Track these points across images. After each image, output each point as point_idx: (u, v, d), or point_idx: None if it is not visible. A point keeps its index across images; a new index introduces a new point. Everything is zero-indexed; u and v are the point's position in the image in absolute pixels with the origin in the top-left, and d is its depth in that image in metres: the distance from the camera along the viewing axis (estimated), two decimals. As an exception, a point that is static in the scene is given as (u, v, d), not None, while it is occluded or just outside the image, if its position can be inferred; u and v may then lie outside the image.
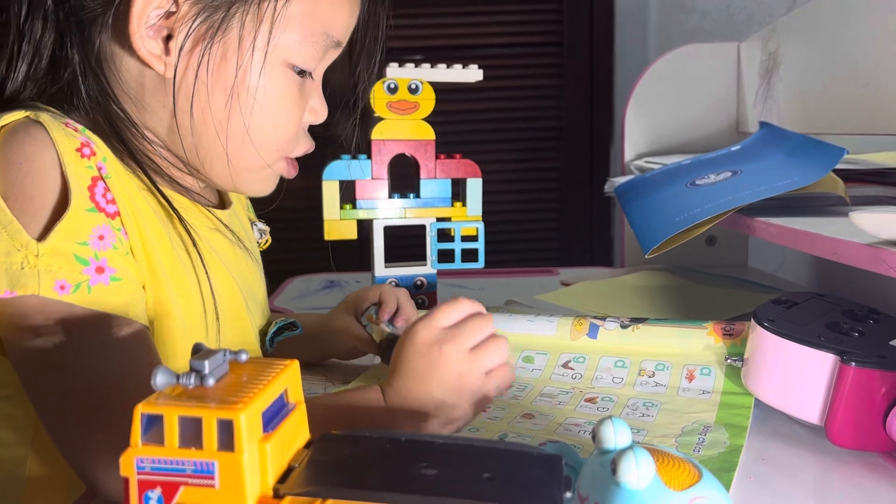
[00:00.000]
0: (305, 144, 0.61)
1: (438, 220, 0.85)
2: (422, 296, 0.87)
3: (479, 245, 0.85)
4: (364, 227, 0.85)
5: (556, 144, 2.14)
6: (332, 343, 0.71)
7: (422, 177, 0.84)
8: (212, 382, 0.30)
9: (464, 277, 1.11)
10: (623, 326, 0.67)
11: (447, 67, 0.82)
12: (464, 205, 0.86)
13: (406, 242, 0.90)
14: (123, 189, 0.50)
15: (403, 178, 0.86)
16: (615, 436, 0.35)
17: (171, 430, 0.29)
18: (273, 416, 0.31)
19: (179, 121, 0.53)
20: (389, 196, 0.84)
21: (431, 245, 0.85)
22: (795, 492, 0.47)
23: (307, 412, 0.33)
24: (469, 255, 0.85)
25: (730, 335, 0.64)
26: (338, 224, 0.83)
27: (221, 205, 0.64)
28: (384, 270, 0.85)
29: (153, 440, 0.29)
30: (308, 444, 0.33)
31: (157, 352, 0.50)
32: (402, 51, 2.03)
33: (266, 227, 0.71)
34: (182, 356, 0.53)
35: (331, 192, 0.82)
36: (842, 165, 0.66)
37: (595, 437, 0.36)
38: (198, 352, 0.31)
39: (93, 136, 0.49)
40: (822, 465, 0.51)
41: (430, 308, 0.86)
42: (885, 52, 0.76)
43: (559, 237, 2.18)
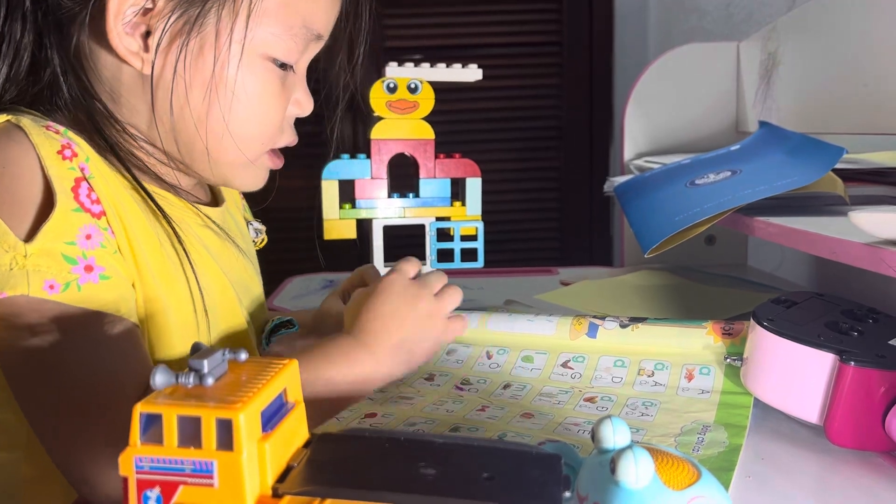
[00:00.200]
0: (289, 137, 0.60)
1: (438, 220, 0.85)
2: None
3: (479, 245, 0.85)
4: (363, 227, 0.85)
5: (556, 144, 2.14)
6: (326, 332, 0.71)
7: (421, 176, 0.84)
8: (211, 382, 0.30)
9: (463, 277, 1.11)
10: (622, 326, 0.67)
11: (447, 67, 0.82)
12: (463, 204, 0.86)
13: (405, 242, 0.90)
14: (108, 188, 0.50)
15: (403, 178, 0.86)
16: (614, 435, 0.35)
17: (170, 430, 0.29)
18: (272, 416, 0.31)
19: (159, 117, 0.53)
20: (389, 195, 0.84)
21: (431, 244, 0.85)
22: (794, 491, 0.47)
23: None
24: (468, 255, 0.85)
25: (729, 335, 0.64)
26: (337, 223, 0.83)
27: (214, 203, 0.63)
28: (384, 270, 0.85)
29: (152, 439, 0.29)
30: (307, 444, 0.33)
31: (147, 350, 0.50)
32: (402, 50, 2.04)
33: (262, 227, 0.71)
34: (175, 353, 0.53)
35: (330, 192, 0.82)
36: (841, 165, 0.66)
37: (594, 437, 0.36)
38: (197, 351, 0.31)
39: (75, 138, 0.49)
40: (822, 465, 0.51)
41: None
42: (885, 52, 0.76)
43: (559, 237, 2.18)
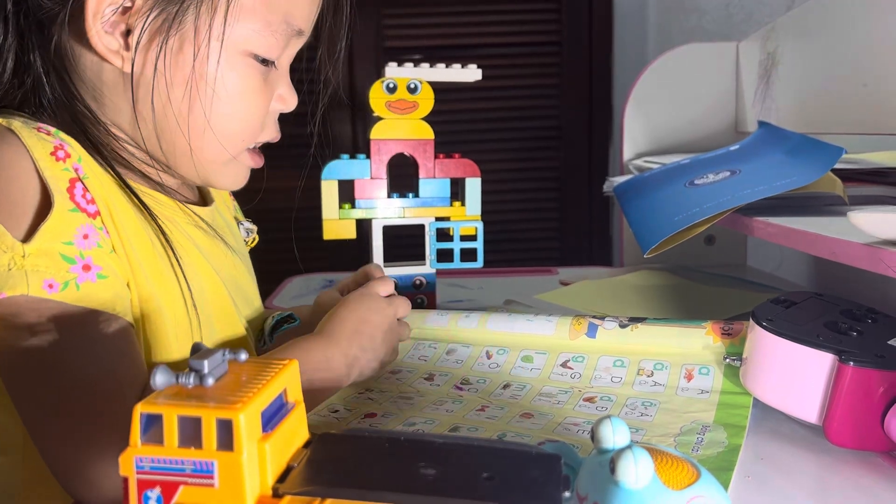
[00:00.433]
0: (271, 133, 0.60)
1: (437, 220, 0.85)
2: (421, 295, 0.87)
3: (478, 244, 0.85)
4: (363, 227, 0.85)
5: (555, 144, 2.14)
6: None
7: (421, 176, 0.84)
8: (211, 382, 0.30)
9: (463, 277, 1.11)
10: (622, 326, 0.68)
11: (446, 67, 0.82)
12: (463, 204, 0.86)
13: (405, 242, 0.90)
14: (101, 188, 0.50)
15: (402, 178, 0.86)
16: (614, 435, 0.35)
17: (171, 430, 0.29)
18: (272, 416, 0.31)
19: (141, 115, 0.53)
20: (388, 196, 0.84)
21: (430, 244, 0.85)
22: (794, 491, 0.47)
23: None
24: (468, 255, 0.85)
25: (728, 335, 0.64)
26: (336, 224, 0.83)
27: (202, 203, 0.63)
28: (385, 270, 0.85)
29: (152, 440, 0.29)
30: (307, 444, 0.33)
31: (142, 350, 0.51)
32: (401, 50, 2.04)
33: (253, 227, 0.71)
34: (172, 353, 0.53)
35: (329, 192, 0.82)
36: (840, 165, 0.66)
37: (594, 437, 0.36)
38: (197, 351, 0.32)
39: (66, 138, 0.49)
40: (821, 465, 0.51)
41: (429, 307, 0.86)
42: (884, 52, 0.76)
43: (558, 237, 2.18)
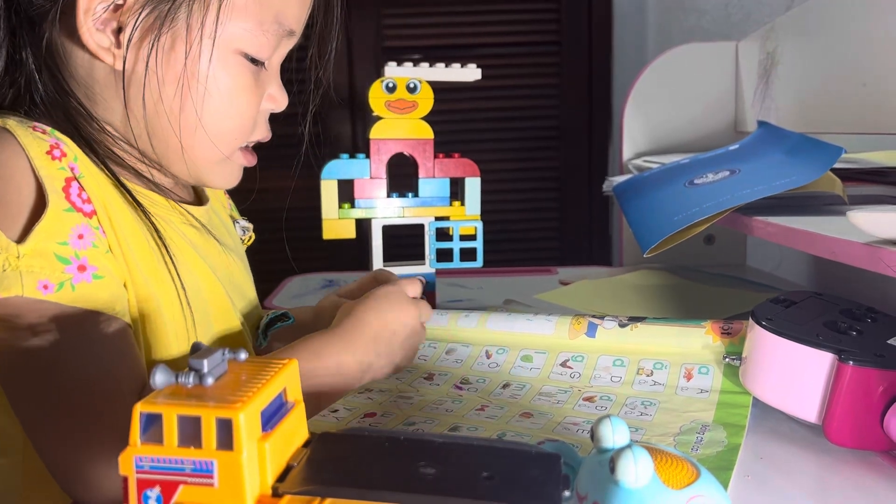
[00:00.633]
0: (262, 132, 0.60)
1: (437, 220, 0.85)
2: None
3: (478, 244, 0.85)
4: (362, 227, 0.85)
5: (555, 144, 2.14)
6: (322, 328, 0.72)
7: (420, 176, 0.84)
8: (210, 381, 0.30)
9: (462, 277, 1.11)
10: (621, 325, 0.68)
11: (446, 66, 0.82)
12: (462, 204, 0.86)
13: (404, 242, 0.90)
14: (97, 187, 0.50)
15: (402, 178, 0.86)
16: (613, 434, 0.35)
17: (170, 429, 0.29)
18: (272, 415, 0.31)
19: (133, 113, 0.53)
20: (388, 195, 0.84)
21: (430, 244, 0.85)
22: (793, 490, 0.47)
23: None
24: (468, 255, 0.85)
25: (728, 334, 0.64)
26: (336, 223, 0.83)
27: (198, 202, 0.63)
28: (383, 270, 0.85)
29: (152, 439, 0.29)
30: (307, 443, 0.33)
31: (140, 350, 0.50)
32: (401, 50, 2.04)
33: (249, 225, 0.71)
34: (171, 353, 0.53)
35: (329, 192, 0.82)
36: (840, 164, 0.66)
37: (593, 436, 0.36)
38: (196, 351, 0.31)
39: (62, 137, 0.49)
40: (820, 464, 0.51)
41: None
42: (884, 51, 0.76)
43: (558, 236, 2.18)
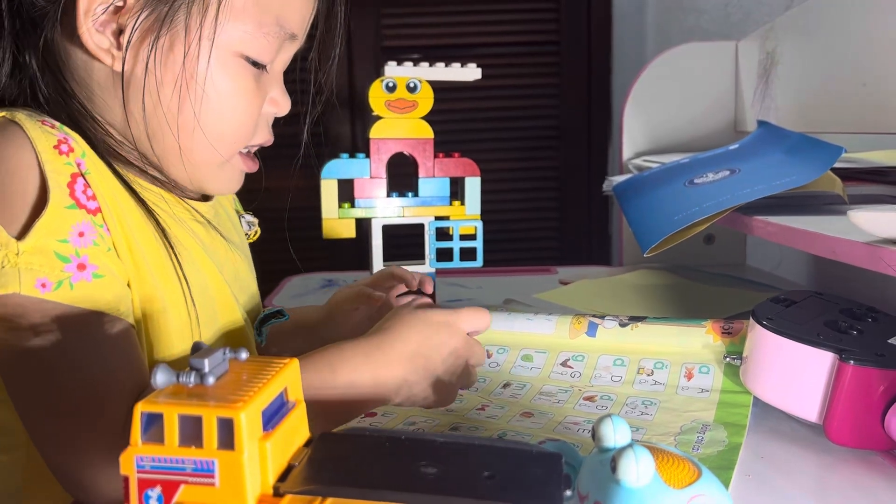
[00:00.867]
0: (263, 136, 0.60)
1: (437, 219, 0.85)
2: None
3: (478, 244, 0.85)
4: (362, 226, 0.85)
5: (555, 143, 2.14)
6: (335, 324, 0.72)
7: (420, 175, 0.84)
8: (212, 381, 0.30)
9: (462, 276, 1.11)
10: (622, 325, 0.68)
11: (445, 66, 0.82)
12: (462, 203, 0.86)
13: (404, 241, 0.90)
14: (105, 184, 0.49)
15: (402, 177, 0.86)
16: (615, 434, 0.35)
17: (172, 429, 0.29)
18: (273, 415, 0.31)
19: (132, 115, 0.53)
20: (388, 195, 0.84)
21: (430, 244, 0.85)
22: (794, 490, 0.47)
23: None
24: (467, 254, 0.85)
25: (728, 334, 0.64)
26: (336, 223, 0.83)
27: (204, 197, 0.63)
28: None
29: (153, 439, 0.29)
30: (308, 443, 0.33)
31: (143, 350, 0.50)
32: (400, 50, 2.03)
33: (254, 220, 0.71)
34: (175, 353, 0.52)
35: (329, 191, 0.82)
36: (840, 164, 0.66)
37: (595, 436, 0.36)
38: (198, 350, 0.31)
39: (71, 133, 0.49)
40: (821, 464, 0.51)
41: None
42: (883, 51, 0.76)
43: (558, 236, 2.18)
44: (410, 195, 0.85)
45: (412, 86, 0.82)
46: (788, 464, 0.51)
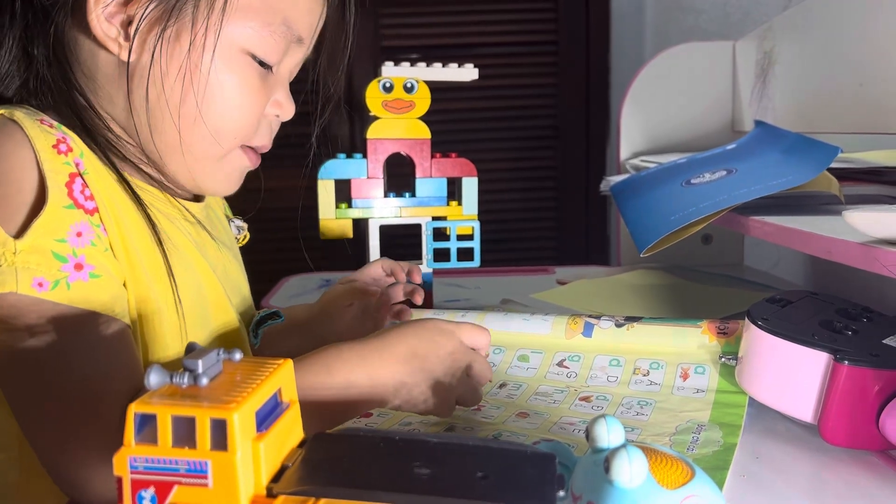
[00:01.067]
0: (263, 138, 0.59)
1: (434, 219, 0.85)
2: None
3: (475, 244, 0.85)
4: (360, 227, 0.85)
5: (553, 143, 2.14)
6: (330, 321, 0.72)
7: (417, 176, 0.84)
8: (205, 382, 0.30)
9: (460, 276, 1.11)
10: (618, 325, 0.68)
11: (443, 66, 0.83)
12: (459, 204, 0.86)
13: (402, 241, 0.90)
14: (102, 184, 0.50)
15: (399, 177, 0.86)
16: (608, 434, 0.35)
17: (165, 430, 0.29)
18: (267, 416, 0.31)
19: (134, 106, 0.53)
20: (385, 195, 0.84)
21: (427, 244, 0.85)
22: (789, 490, 0.47)
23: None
24: (465, 254, 0.85)
25: (724, 334, 0.64)
26: (333, 223, 0.83)
27: (196, 199, 0.63)
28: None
29: (146, 439, 0.29)
30: (302, 444, 0.33)
31: (138, 351, 0.50)
32: (398, 50, 2.03)
33: (244, 224, 0.71)
34: (170, 354, 0.52)
35: (326, 192, 0.82)
36: (836, 164, 0.66)
37: (588, 436, 0.36)
38: (191, 351, 0.31)
39: (69, 132, 0.49)
40: (816, 464, 0.51)
41: (426, 307, 0.86)
42: (881, 51, 0.76)
43: (555, 236, 2.18)
44: (408, 195, 0.85)
45: (409, 86, 0.82)
46: (783, 464, 0.51)
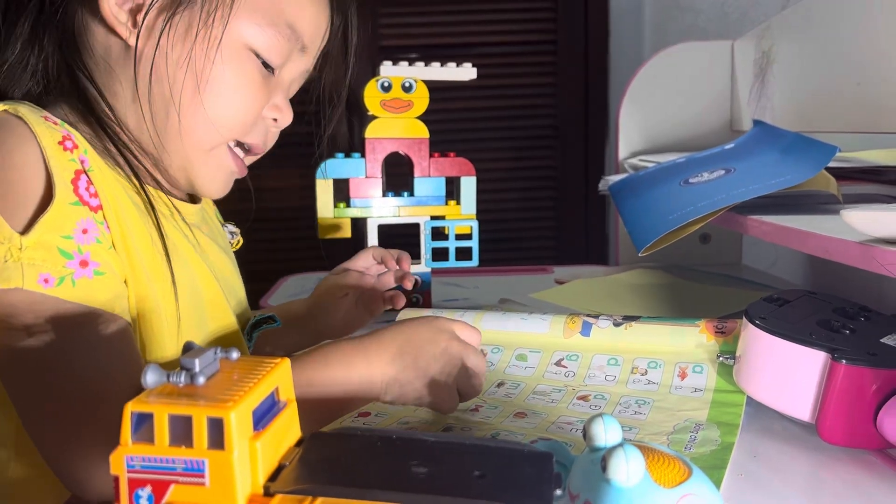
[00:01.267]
0: (257, 138, 0.60)
1: (433, 219, 0.85)
2: (416, 294, 0.87)
3: (474, 243, 0.85)
4: (358, 226, 0.85)
5: (551, 143, 2.14)
6: (325, 313, 0.73)
7: (416, 175, 0.84)
8: (202, 381, 0.30)
9: (458, 276, 1.11)
10: (616, 324, 0.68)
11: (441, 66, 0.83)
12: (458, 203, 0.86)
13: (400, 241, 0.90)
14: (105, 182, 0.50)
15: (397, 177, 0.86)
16: (605, 433, 0.35)
17: (162, 429, 0.29)
18: (264, 415, 0.31)
19: (141, 90, 0.53)
20: (383, 194, 0.84)
21: (426, 243, 0.85)
22: (786, 489, 0.47)
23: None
24: (463, 254, 0.85)
25: (722, 333, 0.64)
26: (332, 223, 0.83)
27: (191, 201, 0.63)
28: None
29: (143, 438, 0.29)
30: (299, 443, 0.33)
31: (139, 348, 0.50)
32: (396, 49, 2.03)
33: (236, 230, 0.71)
34: (168, 353, 0.53)
35: (325, 191, 0.82)
36: (834, 163, 0.66)
37: (586, 435, 0.36)
38: (188, 350, 0.31)
39: (72, 130, 0.49)
40: (813, 463, 0.51)
41: (424, 306, 0.86)
42: (879, 50, 0.76)
43: (554, 235, 2.18)
44: (406, 195, 0.85)
45: (407, 85, 0.82)
46: (781, 463, 0.51)
